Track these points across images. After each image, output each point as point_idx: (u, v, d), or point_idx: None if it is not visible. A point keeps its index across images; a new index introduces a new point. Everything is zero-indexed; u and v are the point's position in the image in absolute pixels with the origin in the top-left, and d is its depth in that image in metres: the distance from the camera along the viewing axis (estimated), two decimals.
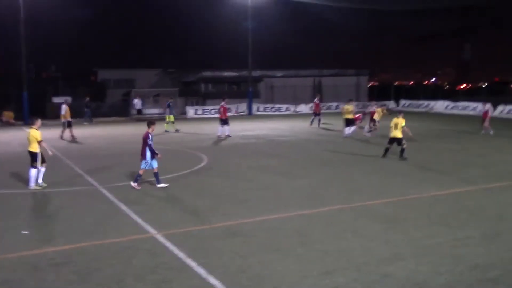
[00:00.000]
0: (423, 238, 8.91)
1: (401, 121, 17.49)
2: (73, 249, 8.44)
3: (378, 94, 55.90)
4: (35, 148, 13.14)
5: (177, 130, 28.80)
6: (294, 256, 8.02)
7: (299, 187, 13.38)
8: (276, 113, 44.91)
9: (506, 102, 39.97)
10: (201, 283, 7.01)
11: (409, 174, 15.06)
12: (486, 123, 25.40)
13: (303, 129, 30.02)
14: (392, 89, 53.66)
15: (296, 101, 47.27)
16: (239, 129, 29.19)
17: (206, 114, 42.60)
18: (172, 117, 29.45)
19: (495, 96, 46.14)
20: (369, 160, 17.86)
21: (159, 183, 13.20)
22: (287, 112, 45.20)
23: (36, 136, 13.09)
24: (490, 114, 26.69)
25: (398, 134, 17.40)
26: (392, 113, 26.03)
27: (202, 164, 17.17)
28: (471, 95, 54.85)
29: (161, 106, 40.65)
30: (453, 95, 53.45)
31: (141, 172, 13.15)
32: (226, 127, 25.51)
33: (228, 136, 25.27)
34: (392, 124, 17.61)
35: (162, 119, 31.23)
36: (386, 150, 17.91)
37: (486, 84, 77.38)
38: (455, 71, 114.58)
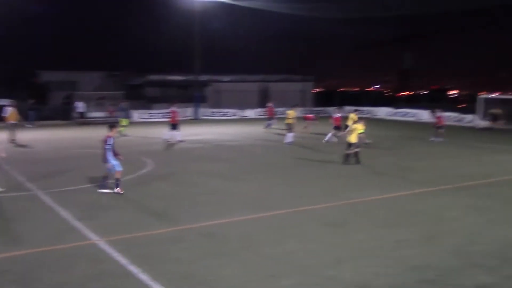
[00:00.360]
0: (365, 241, 9.13)
1: (359, 127, 18.52)
2: (11, 258, 8.10)
3: (323, 100, 56.96)
4: None
5: (124, 135, 28.26)
6: (239, 261, 8.03)
7: (245, 191, 13.42)
8: (223, 117, 44.93)
9: (443, 109, 41.59)
10: None
11: (353, 179, 15.40)
12: (442, 130, 26.21)
13: (250, 134, 30.16)
14: (337, 95, 54.84)
15: (243, 106, 47.45)
16: (186, 133, 28.89)
17: (152, 118, 42.02)
18: (125, 121, 28.99)
19: (434, 103, 48.07)
20: (314, 165, 18.16)
21: (103, 188, 12.92)
22: (234, 117, 45.31)
23: None
24: (444, 121, 27.36)
25: (353, 139, 17.96)
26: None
27: (148, 169, 16.92)
28: (411, 102, 56.85)
29: (105, 110, 39.75)
30: (395, 102, 55.21)
31: (117, 175, 12.75)
32: (176, 132, 25.23)
33: (180, 141, 24.96)
34: (351, 129, 18.48)
35: (107, 123, 30.46)
36: (347, 156, 18.10)
37: (426, 92, 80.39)
38: (397, 78, 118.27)
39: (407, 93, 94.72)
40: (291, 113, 25.42)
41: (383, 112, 46.62)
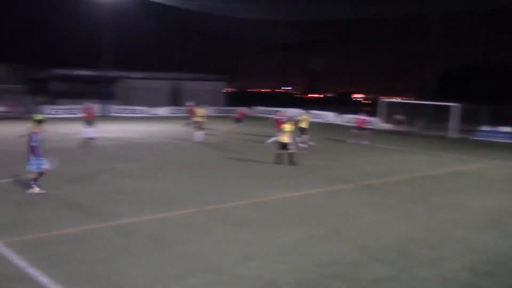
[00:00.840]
0: (273, 238, 9.31)
1: (289, 127, 18.28)
2: None
3: (234, 100, 57.34)
4: None
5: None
6: (147, 261, 7.87)
7: (154, 190, 13.18)
8: (133, 115, 43.78)
9: (349, 111, 43.58)
10: None
11: (262, 178, 15.64)
12: (366, 132, 26.64)
13: (161, 132, 29.67)
14: (248, 95, 55.47)
15: (153, 104, 46.59)
16: (94, 130, 27.85)
17: (57, 114, 39.89)
18: (40, 116, 27.28)
19: (341, 105, 50.08)
20: (225, 164, 18.23)
21: (32, 188, 12.13)
22: (144, 115, 44.30)
23: None
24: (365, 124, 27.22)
25: (285, 139, 18.04)
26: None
27: (54, 168, 16.08)
28: (320, 104, 58.79)
29: (4, 104, 37.32)
30: (304, 104, 56.82)
31: (32, 175, 12.04)
32: (90, 129, 24.25)
33: (92, 139, 23.99)
34: (283, 130, 18.38)
35: (7, 118, 28.70)
36: (279, 156, 18.18)
37: (333, 94, 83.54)
38: (306, 81, 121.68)
39: (316, 95, 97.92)
40: (200, 111, 25.42)
41: (292, 113, 47.75)
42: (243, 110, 32.36)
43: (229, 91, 70.23)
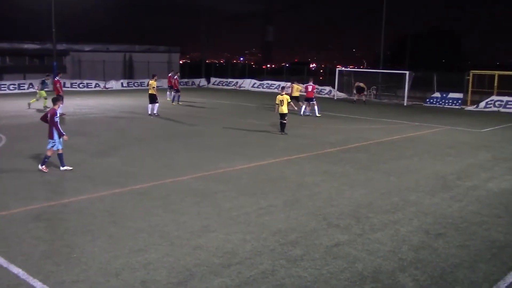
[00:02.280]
0: (232, 209, 9.37)
1: (286, 98, 18.84)
2: None
3: (189, 71, 56.62)
4: None
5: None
6: (105, 236, 7.79)
7: (109, 165, 12.98)
8: (84, 89, 42.63)
9: (304, 81, 43.73)
10: (1, 273, 6.41)
11: (220, 150, 15.62)
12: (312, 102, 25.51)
13: (115, 106, 29.05)
14: (203, 66, 54.80)
15: (106, 77, 45.45)
16: (42, 106, 27.02)
17: (3, 90, 38.38)
18: (43, 93, 26.75)
19: (295, 75, 50.06)
20: (182, 136, 18.09)
21: (63, 165, 12.19)
22: (96, 89, 43.18)
23: None
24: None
25: (284, 109, 18.74)
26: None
27: (1, 145, 15.57)
28: (274, 74, 58.76)
29: None
30: (259, 74, 56.61)
31: (49, 153, 12.08)
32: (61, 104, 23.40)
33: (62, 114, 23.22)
34: (278, 101, 18.91)
35: None
36: (282, 124, 19.00)
37: (288, 64, 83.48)
38: (260, 51, 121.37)
39: (271, 65, 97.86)
40: (153, 83, 24.55)
41: (247, 84, 47.68)
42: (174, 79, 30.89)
43: (184, 62, 69.31)
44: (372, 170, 13.10)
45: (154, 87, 24.19)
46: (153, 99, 24.08)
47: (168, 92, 31.93)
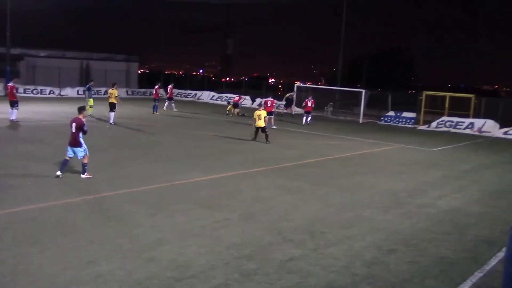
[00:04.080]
0: (187, 221, 9.26)
1: (263, 113, 20.83)
2: None
3: (148, 81, 55.99)
4: None
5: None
6: (55, 248, 7.54)
7: (63, 174, 12.60)
8: (39, 95, 41.45)
9: (262, 95, 44.08)
10: None
11: (177, 161, 15.46)
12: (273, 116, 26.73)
13: (69, 113, 28.26)
14: (162, 77, 54.36)
15: (61, 84, 44.36)
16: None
17: None
18: (91, 101, 26.30)
19: (254, 89, 50.39)
20: (139, 147, 17.82)
21: (84, 173, 12.34)
22: (51, 95, 42.06)
23: None
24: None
25: (261, 123, 20.59)
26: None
27: None
28: (233, 87, 58.87)
29: None
30: (218, 87, 56.67)
31: (85, 160, 12.31)
32: (14, 110, 22.63)
33: (14, 120, 22.46)
34: (256, 116, 20.73)
35: None
36: (256, 133, 21.00)
37: (247, 78, 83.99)
38: (220, 64, 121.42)
39: (231, 79, 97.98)
40: (114, 92, 24.58)
41: (206, 96, 47.56)
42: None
43: (143, 72, 68.59)
44: (327, 186, 13.25)
45: (116, 96, 24.46)
46: (112, 107, 24.01)
47: (154, 104, 31.20)
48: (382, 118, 35.85)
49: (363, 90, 35.83)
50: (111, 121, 23.82)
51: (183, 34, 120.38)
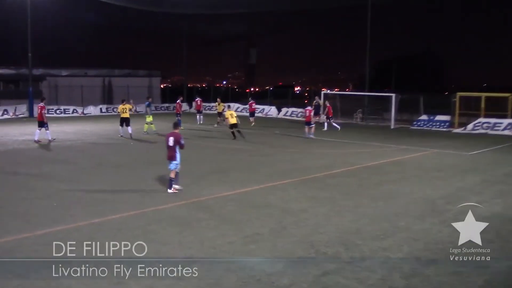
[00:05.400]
0: (216, 238, 9.26)
1: (233, 113, 25.51)
2: None
3: (171, 95, 56.56)
4: None
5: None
6: (87, 268, 7.60)
7: (87, 194, 12.78)
8: (62, 115, 42.23)
9: (288, 104, 44.13)
10: None
11: (203, 176, 15.50)
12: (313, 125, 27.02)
13: (93, 132, 28.84)
14: (185, 90, 54.86)
15: (84, 103, 45.20)
16: (19, 133, 26.78)
17: None
18: (151, 117, 27.78)
19: (279, 99, 50.40)
20: (163, 162, 17.93)
21: (171, 188, 12.98)
22: (74, 114, 42.84)
23: None
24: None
25: (235, 120, 24.83)
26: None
27: None
28: (258, 98, 58.99)
29: None
30: (243, 98, 56.87)
31: (172, 175, 12.94)
32: (46, 130, 23.28)
33: (50, 140, 23.28)
34: (228, 115, 25.00)
35: None
36: (233, 133, 24.94)
37: (272, 87, 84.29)
38: (244, 74, 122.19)
39: (255, 89, 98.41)
40: (126, 107, 26.01)
41: (231, 108, 47.72)
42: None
43: (166, 86, 69.39)
44: (359, 196, 13.10)
45: (130, 108, 26.19)
46: (124, 122, 25.59)
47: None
48: (414, 123, 35.40)
49: (393, 94, 35.47)
50: (125, 133, 25.31)
51: (204, 46, 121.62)
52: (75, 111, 43.37)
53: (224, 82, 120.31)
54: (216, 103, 35.78)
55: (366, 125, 36.73)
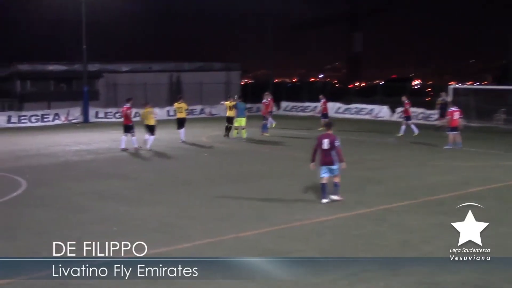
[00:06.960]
0: (318, 273, 9.13)
1: (231, 103, 29.54)
2: None
3: (253, 94, 56.97)
4: None
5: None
6: None
7: (150, 216, 13.11)
8: (121, 119, 43.85)
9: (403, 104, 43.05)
10: None
11: (293, 196, 15.45)
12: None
13: (159, 140, 29.63)
14: (271, 87, 55.12)
15: (147, 104, 46.69)
16: (71, 142, 28.19)
17: (23, 123, 40.09)
18: (243, 120, 29.68)
19: (393, 96, 49.01)
20: (242, 179, 18.11)
21: (325, 198, 14.28)
22: (136, 119, 44.27)
23: None
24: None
25: (232, 114, 28.98)
26: None
27: (19, 191, 16.22)
28: (365, 95, 58.18)
29: None
30: (345, 96, 56.34)
31: (337, 179, 14.30)
32: (132, 137, 24.63)
33: (137, 148, 24.95)
34: (228, 107, 29.16)
35: None
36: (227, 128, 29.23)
37: (382, 82, 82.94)
38: (346, 66, 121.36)
39: (360, 84, 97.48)
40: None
41: (330, 108, 47.35)
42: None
43: (247, 82, 70.29)
44: (504, 224, 12.50)
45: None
46: (150, 129, 25.92)
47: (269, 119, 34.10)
48: None
49: None
50: (148, 146, 25.34)
51: (294, 31, 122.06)
52: (137, 114, 44.88)
53: (321, 76, 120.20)
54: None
55: (510, 129, 35.05)
